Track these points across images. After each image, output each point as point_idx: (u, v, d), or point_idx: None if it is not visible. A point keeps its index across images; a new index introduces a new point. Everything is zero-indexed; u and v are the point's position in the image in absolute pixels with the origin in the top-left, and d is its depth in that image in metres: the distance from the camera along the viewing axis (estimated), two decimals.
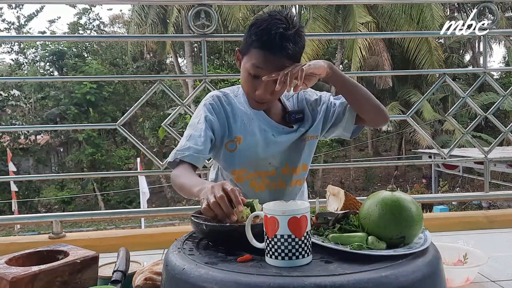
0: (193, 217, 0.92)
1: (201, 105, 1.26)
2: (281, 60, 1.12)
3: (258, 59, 1.13)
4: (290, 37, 1.11)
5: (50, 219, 1.92)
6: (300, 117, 1.28)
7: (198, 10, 1.90)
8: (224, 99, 1.27)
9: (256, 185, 1.27)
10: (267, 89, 1.16)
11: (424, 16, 12.77)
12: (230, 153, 1.25)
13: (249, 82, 1.18)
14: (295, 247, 0.74)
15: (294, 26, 1.13)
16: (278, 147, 1.25)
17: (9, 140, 15.04)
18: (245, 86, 1.21)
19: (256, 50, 1.13)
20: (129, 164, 16.06)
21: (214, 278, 0.72)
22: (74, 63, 16.11)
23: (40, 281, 0.94)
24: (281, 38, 1.10)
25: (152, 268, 1.07)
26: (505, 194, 2.39)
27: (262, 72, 1.13)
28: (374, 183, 16.02)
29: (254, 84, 1.17)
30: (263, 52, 1.12)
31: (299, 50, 1.16)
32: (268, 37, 1.10)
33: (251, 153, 1.24)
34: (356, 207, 0.97)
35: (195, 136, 1.17)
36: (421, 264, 0.76)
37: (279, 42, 1.10)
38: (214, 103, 1.25)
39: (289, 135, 1.26)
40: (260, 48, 1.12)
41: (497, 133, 9.69)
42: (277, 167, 1.27)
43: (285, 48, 1.11)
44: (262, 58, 1.13)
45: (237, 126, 1.24)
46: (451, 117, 2.19)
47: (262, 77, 1.13)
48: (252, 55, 1.14)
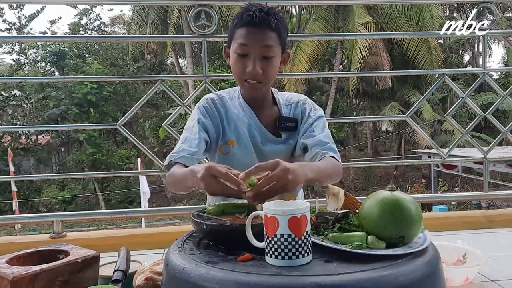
0: (193, 217, 0.93)
1: (195, 108, 1.28)
2: (265, 32, 1.16)
3: (243, 36, 1.16)
4: (270, 11, 1.16)
5: (51, 219, 1.93)
6: (291, 126, 1.27)
7: (198, 11, 1.90)
8: (219, 101, 1.28)
9: None
10: (256, 64, 1.16)
11: (423, 17, 12.78)
12: (224, 156, 1.26)
13: (239, 63, 1.19)
14: (295, 246, 0.75)
15: (273, 8, 1.18)
16: (266, 156, 1.23)
17: (10, 140, 15.05)
18: (236, 70, 1.21)
19: (240, 29, 1.17)
20: (130, 164, 16.07)
21: (215, 277, 0.72)
22: (75, 63, 16.13)
23: (41, 281, 0.94)
24: (261, 11, 1.15)
25: (153, 267, 1.07)
26: (504, 194, 2.39)
27: (249, 48, 1.16)
28: (373, 183, 16.02)
29: (244, 63, 1.18)
30: (246, 28, 1.16)
31: (282, 26, 1.19)
32: (249, 14, 1.15)
33: (244, 157, 1.24)
34: (355, 207, 0.97)
35: (189, 139, 1.20)
36: (420, 263, 0.77)
37: (260, 15, 1.15)
38: (208, 106, 1.27)
39: (277, 146, 1.26)
40: (243, 25, 1.17)
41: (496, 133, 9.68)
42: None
43: (266, 19, 1.15)
44: (246, 34, 1.16)
45: (230, 129, 1.25)
46: (451, 117, 2.19)
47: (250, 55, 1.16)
48: (237, 37, 1.18)
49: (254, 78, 1.19)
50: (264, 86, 1.23)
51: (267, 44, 1.17)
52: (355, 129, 20.42)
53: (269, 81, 1.24)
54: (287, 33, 1.24)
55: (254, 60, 1.17)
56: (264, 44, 1.16)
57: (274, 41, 1.18)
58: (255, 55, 1.17)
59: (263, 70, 1.17)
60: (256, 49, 1.16)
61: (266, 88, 1.27)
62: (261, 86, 1.22)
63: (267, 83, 1.23)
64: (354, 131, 20.26)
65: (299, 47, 12.96)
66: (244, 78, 1.20)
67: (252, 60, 1.17)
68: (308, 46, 12.88)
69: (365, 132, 21.23)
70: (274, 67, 1.21)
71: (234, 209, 0.99)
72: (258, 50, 1.16)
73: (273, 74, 1.22)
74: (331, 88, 14.72)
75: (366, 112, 19.17)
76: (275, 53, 1.19)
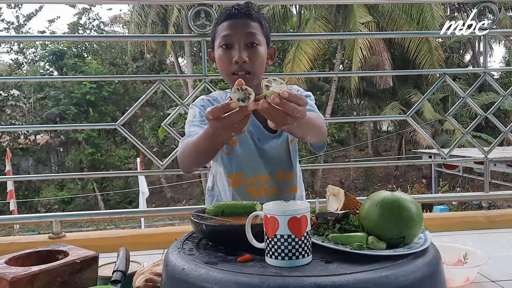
0: (193, 217, 0.92)
1: (192, 107, 1.28)
2: (246, 21, 1.18)
3: (225, 28, 1.18)
4: (249, 4, 1.20)
5: (50, 219, 1.92)
6: None
7: (198, 10, 1.90)
8: (215, 103, 1.27)
9: (254, 190, 1.25)
10: (242, 52, 1.15)
11: (424, 16, 12.78)
12: (227, 155, 1.25)
13: (224, 56, 1.18)
14: (295, 247, 0.74)
15: (252, 3, 1.22)
16: (266, 152, 1.24)
17: (8, 140, 15.04)
18: (222, 65, 1.20)
19: (222, 25, 1.20)
20: (129, 164, 16.08)
21: (214, 278, 0.72)
22: (74, 63, 16.13)
23: (40, 281, 0.94)
24: (240, 6, 1.19)
25: (153, 269, 1.07)
26: (505, 194, 2.39)
27: (233, 38, 1.17)
28: (374, 183, 16.03)
29: (229, 55, 1.17)
30: (228, 21, 1.19)
31: (263, 18, 1.22)
32: (229, 10, 1.19)
33: (247, 155, 1.23)
34: (356, 207, 0.97)
35: (196, 122, 1.21)
36: (421, 264, 0.76)
37: (240, 8, 1.19)
38: (206, 105, 1.26)
39: (272, 141, 1.25)
40: (224, 20, 1.20)
41: (497, 133, 9.69)
42: (271, 171, 1.26)
43: (246, 10, 1.18)
44: (228, 25, 1.18)
45: None
46: (451, 117, 2.18)
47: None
48: (219, 32, 1.20)
49: (242, 68, 1.16)
50: (254, 77, 1.19)
51: (250, 31, 1.17)
52: (356, 129, 20.44)
53: (258, 72, 1.21)
54: (269, 29, 1.25)
55: (239, 49, 1.16)
56: (247, 31, 1.17)
57: (257, 30, 1.19)
58: (239, 43, 1.16)
59: (250, 58, 1.16)
60: (240, 36, 1.16)
61: (257, 82, 1.22)
62: (251, 78, 1.18)
63: (256, 74, 1.20)
64: (355, 131, 20.28)
65: (300, 46, 12.96)
66: (231, 71, 1.18)
67: (237, 49, 1.16)
68: (309, 46, 12.87)
69: (365, 132, 21.25)
70: (261, 56, 1.19)
71: (234, 210, 0.99)
72: (242, 37, 1.16)
73: (260, 63, 1.20)
74: (331, 88, 14.73)
75: (367, 112, 19.20)
76: (260, 41, 1.19)
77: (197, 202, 14.20)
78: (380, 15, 13.56)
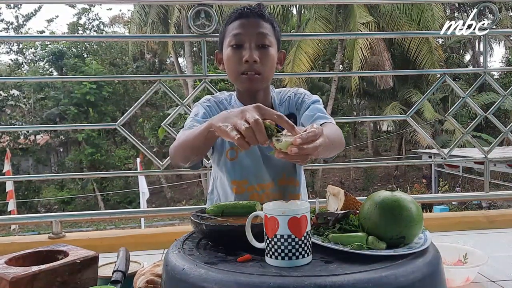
0: (193, 217, 0.92)
1: (196, 105, 1.24)
2: (258, 22, 1.15)
3: (236, 27, 1.16)
4: (262, 5, 1.18)
5: (50, 219, 1.92)
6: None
7: (198, 10, 1.90)
8: (220, 105, 1.24)
9: (257, 197, 1.22)
10: (253, 52, 1.13)
11: (424, 16, 12.77)
12: (231, 161, 1.22)
13: (234, 56, 1.15)
14: (295, 247, 0.74)
15: (263, 5, 1.20)
16: (270, 159, 1.21)
17: (8, 140, 15.04)
18: (231, 65, 1.16)
19: (232, 24, 1.17)
20: (129, 164, 16.07)
21: (214, 278, 0.72)
22: (73, 63, 16.13)
23: (40, 281, 0.94)
24: (251, 7, 1.17)
25: (153, 269, 1.07)
26: (505, 194, 2.39)
27: (244, 37, 1.14)
28: (374, 183, 16.02)
29: (239, 54, 1.14)
30: (239, 20, 1.16)
31: (274, 21, 1.20)
32: (240, 10, 1.17)
33: (251, 162, 1.20)
34: (356, 207, 0.97)
35: (198, 121, 1.15)
36: (421, 264, 0.76)
37: (252, 8, 1.16)
38: (212, 105, 1.23)
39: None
40: (235, 19, 1.17)
41: (497, 133, 9.68)
42: (274, 177, 1.23)
43: (258, 11, 1.16)
44: (239, 25, 1.16)
45: None
46: (451, 117, 2.19)
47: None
48: (229, 31, 1.17)
49: (252, 68, 1.13)
50: (263, 80, 1.16)
51: (262, 32, 1.15)
52: (356, 129, 20.44)
53: (267, 75, 1.18)
54: (280, 32, 1.23)
55: (250, 48, 1.13)
56: (259, 31, 1.14)
57: (269, 31, 1.16)
58: (250, 43, 1.13)
59: (261, 59, 1.13)
60: (251, 36, 1.14)
61: (266, 85, 1.21)
62: (260, 79, 1.15)
63: (266, 77, 1.17)
64: (355, 131, 20.29)
65: (300, 46, 12.95)
66: (241, 71, 1.14)
67: (248, 48, 1.13)
68: (309, 46, 12.87)
69: (365, 132, 21.25)
70: (272, 58, 1.16)
71: (234, 210, 0.99)
72: (253, 37, 1.14)
73: (271, 66, 1.17)
74: (331, 88, 14.72)
75: (367, 112, 19.18)
76: (272, 43, 1.16)
77: (197, 202, 14.19)
78: (380, 15, 13.56)
